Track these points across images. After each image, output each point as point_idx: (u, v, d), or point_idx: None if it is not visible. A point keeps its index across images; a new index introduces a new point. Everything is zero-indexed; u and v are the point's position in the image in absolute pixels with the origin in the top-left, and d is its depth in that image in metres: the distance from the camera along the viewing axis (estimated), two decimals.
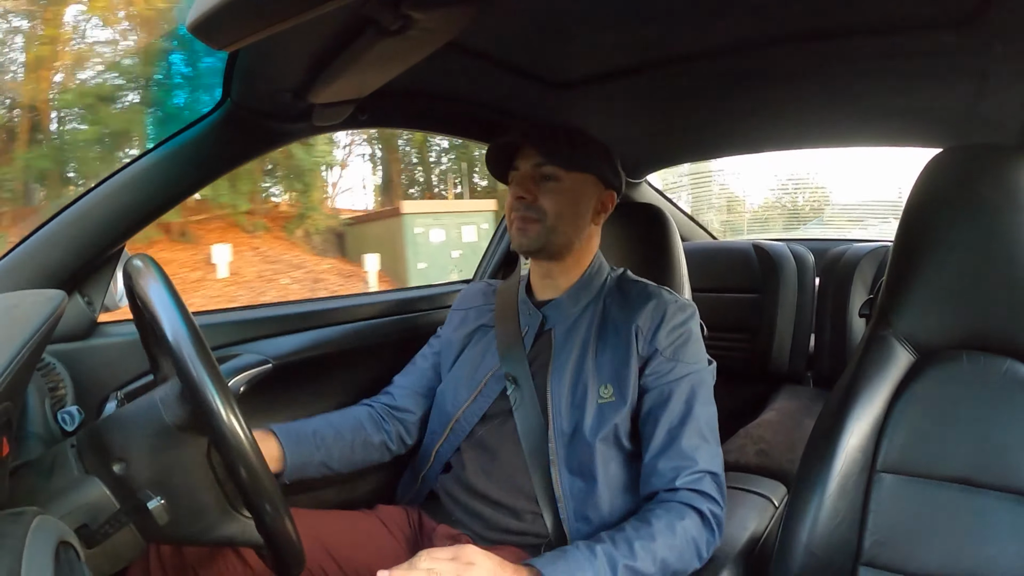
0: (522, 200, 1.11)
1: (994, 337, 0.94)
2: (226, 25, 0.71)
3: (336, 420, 1.20)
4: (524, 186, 1.12)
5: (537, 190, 1.12)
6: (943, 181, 1.01)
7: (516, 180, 1.15)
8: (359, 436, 1.19)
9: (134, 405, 0.82)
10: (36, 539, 0.56)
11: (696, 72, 1.26)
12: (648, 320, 1.08)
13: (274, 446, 1.09)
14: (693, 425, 1.02)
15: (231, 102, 1.07)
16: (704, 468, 1.00)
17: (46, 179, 9.10)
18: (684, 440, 1.01)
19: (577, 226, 1.14)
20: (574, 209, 1.13)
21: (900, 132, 1.70)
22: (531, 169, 1.13)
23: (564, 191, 1.12)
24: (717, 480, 1.01)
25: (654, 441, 1.03)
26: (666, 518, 0.94)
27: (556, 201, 1.11)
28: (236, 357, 1.38)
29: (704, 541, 0.96)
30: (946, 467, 0.91)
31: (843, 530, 0.94)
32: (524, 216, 1.12)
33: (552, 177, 1.12)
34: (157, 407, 0.79)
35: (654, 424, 1.04)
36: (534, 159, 1.12)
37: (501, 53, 1.17)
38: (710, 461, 1.01)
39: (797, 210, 7.12)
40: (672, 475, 0.99)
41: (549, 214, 1.11)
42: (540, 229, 1.11)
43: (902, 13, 0.98)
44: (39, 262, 1.05)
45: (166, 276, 0.77)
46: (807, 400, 1.99)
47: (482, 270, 2.05)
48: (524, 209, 1.11)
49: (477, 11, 0.77)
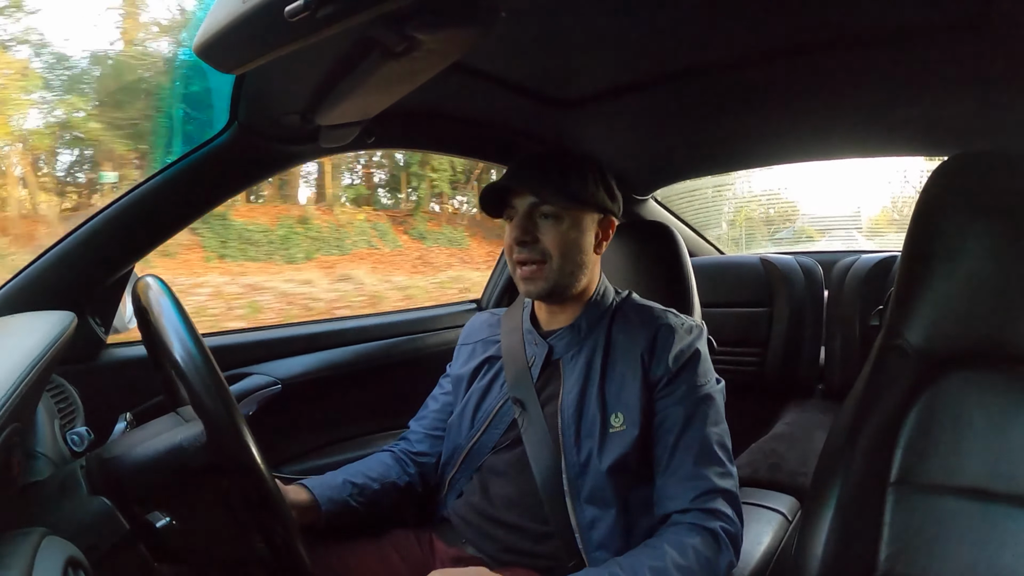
0: (523, 244, 1.09)
1: (1006, 345, 0.93)
2: (232, 48, 0.73)
3: (363, 468, 1.20)
4: (523, 227, 1.09)
5: (536, 229, 1.09)
6: (951, 189, 1.01)
7: (514, 221, 1.11)
8: (388, 480, 1.19)
9: (156, 447, 0.81)
10: (44, 559, 0.56)
11: (700, 87, 1.27)
12: (655, 345, 1.07)
13: (308, 499, 1.09)
14: (704, 445, 1.01)
15: (238, 124, 1.08)
16: (717, 487, 0.99)
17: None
18: (695, 461, 1.00)
19: (582, 261, 1.12)
20: (577, 244, 1.10)
21: (906, 141, 1.70)
22: (528, 207, 1.10)
23: (564, 228, 1.09)
24: (731, 499, 1.00)
25: (665, 463, 1.02)
26: (678, 540, 0.93)
27: (558, 239, 1.08)
28: (246, 378, 1.38)
29: (719, 560, 0.94)
30: (961, 477, 0.90)
31: (858, 543, 0.92)
32: (528, 259, 1.09)
33: (552, 215, 1.09)
34: (180, 453, 0.79)
35: (664, 446, 1.03)
36: (530, 198, 1.09)
37: (506, 73, 1.18)
38: (723, 480, 1.00)
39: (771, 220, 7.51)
40: (684, 497, 0.98)
41: (553, 254, 1.08)
42: (546, 271, 1.09)
43: (905, 23, 0.98)
44: (49, 283, 1.06)
45: (175, 297, 0.77)
46: (818, 413, 1.98)
47: (488, 294, 2.05)
48: (527, 251, 1.09)
49: (482, 32, 0.77)
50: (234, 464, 0.75)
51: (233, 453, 0.74)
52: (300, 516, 1.06)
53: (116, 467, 0.78)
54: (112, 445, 0.82)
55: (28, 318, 0.92)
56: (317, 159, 1.36)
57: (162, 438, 0.81)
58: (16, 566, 0.53)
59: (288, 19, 0.60)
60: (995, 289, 0.94)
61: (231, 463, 0.75)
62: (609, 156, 1.75)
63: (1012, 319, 0.93)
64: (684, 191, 3.22)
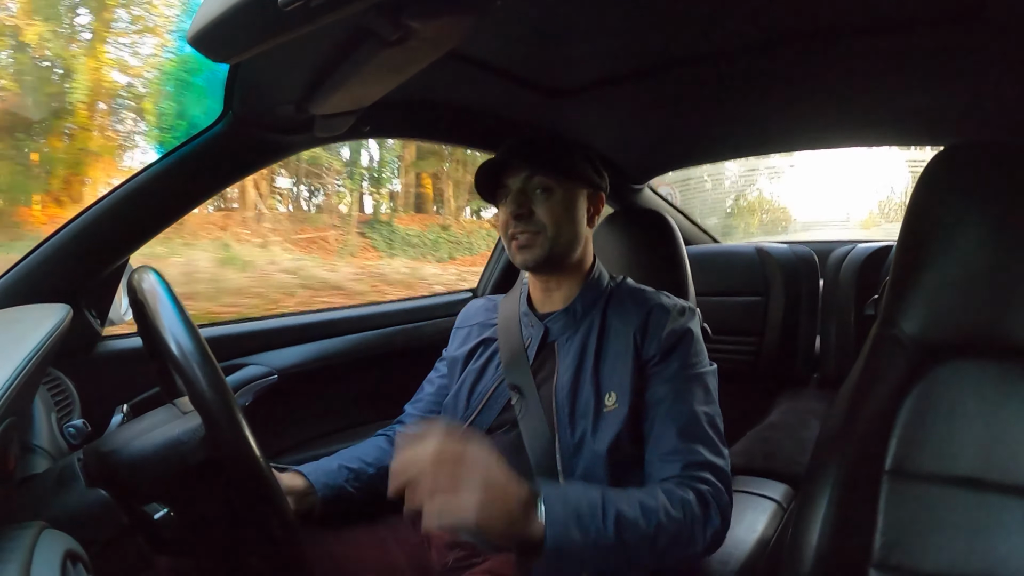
0: (519, 217, 1.11)
1: (1001, 335, 0.93)
2: (227, 38, 0.72)
3: (358, 452, 1.20)
4: (518, 201, 1.11)
5: (531, 203, 1.11)
6: (946, 179, 1.01)
7: (508, 198, 1.13)
8: (383, 464, 1.19)
9: (153, 441, 0.81)
10: (42, 552, 0.56)
11: (695, 76, 1.26)
12: (648, 325, 1.08)
13: (304, 485, 1.10)
14: (692, 420, 1.01)
15: (232, 115, 1.07)
16: (706, 460, 0.98)
17: None
18: (681, 435, 1.00)
19: (576, 233, 1.14)
20: (571, 215, 1.13)
21: (902, 131, 1.70)
22: (522, 183, 1.12)
23: (558, 200, 1.11)
24: (721, 475, 0.99)
25: (655, 440, 1.02)
26: (670, 491, 0.93)
27: (553, 211, 1.11)
28: (242, 369, 1.38)
29: (707, 523, 0.93)
30: (955, 467, 0.90)
31: (853, 532, 0.93)
32: (524, 231, 1.11)
33: (545, 188, 1.11)
34: (179, 447, 0.79)
35: (654, 423, 1.03)
36: (523, 173, 1.12)
37: (501, 61, 1.18)
38: (713, 456, 0.99)
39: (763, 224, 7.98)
40: (672, 467, 0.98)
41: (548, 225, 1.10)
42: (541, 239, 1.11)
43: (902, 11, 0.98)
44: (44, 276, 1.06)
45: (171, 289, 0.77)
46: (813, 402, 1.99)
47: (483, 286, 2.05)
48: (523, 224, 1.11)
49: (476, 21, 0.77)
50: (232, 459, 0.75)
51: (231, 448, 0.74)
52: (296, 503, 1.06)
53: (114, 461, 0.78)
54: (109, 438, 0.82)
55: (24, 311, 0.91)
56: (312, 148, 1.35)
57: (160, 431, 0.81)
58: (15, 560, 0.53)
59: (282, 8, 0.60)
60: (990, 279, 0.94)
61: (229, 458, 0.76)
62: (604, 144, 1.75)
63: (1006, 309, 0.93)
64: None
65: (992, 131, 1.50)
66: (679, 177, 4.63)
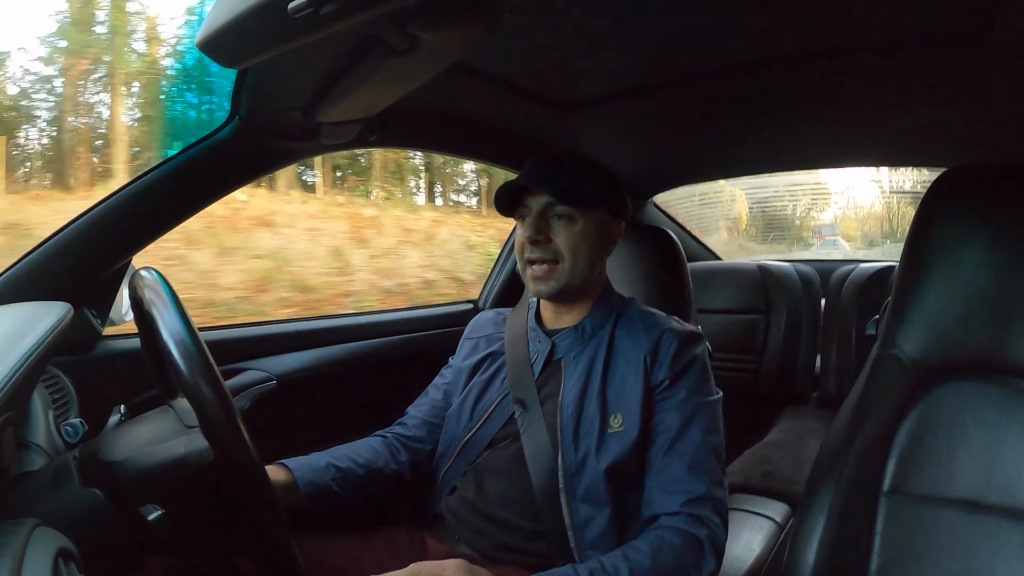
0: (536, 243, 1.10)
1: (1002, 357, 0.93)
2: (235, 43, 0.73)
3: (350, 451, 1.19)
4: (536, 226, 1.10)
5: (549, 229, 1.10)
6: (950, 200, 1.01)
7: (527, 219, 1.12)
8: (374, 467, 1.18)
9: (159, 457, 0.80)
10: (35, 550, 0.56)
11: (701, 93, 1.27)
12: (658, 350, 1.07)
13: (288, 479, 1.08)
14: (698, 452, 1.01)
15: (239, 120, 1.08)
16: (707, 495, 0.98)
17: None
18: (688, 467, 1.00)
19: (592, 263, 1.13)
20: (589, 246, 1.11)
21: (906, 151, 1.70)
22: (543, 207, 1.11)
23: (577, 229, 1.10)
24: (720, 508, 0.99)
25: (657, 466, 1.02)
26: (662, 542, 0.93)
27: (571, 240, 1.10)
28: (241, 373, 1.38)
29: (702, 567, 0.94)
30: (953, 489, 0.90)
31: (850, 553, 0.92)
32: (540, 258, 1.10)
33: (564, 215, 1.10)
34: (186, 465, 0.78)
35: (658, 449, 1.03)
36: (545, 198, 1.10)
37: (508, 74, 1.18)
38: (714, 488, 0.99)
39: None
40: (674, 501, 0.98)
41: (565, 255, 1.10)
42: (558, 272, 1.10)
43: (908, 33, 0.98)
44: (46, 274, 1.06)
45: (173, 291, 0.77)
46: (812, 421, 1.98)
47: (485, 295, 2.05)
48: (540, 251, 1.10)
49: (484, 32, 0.77)
50: (232, 470, 0.74)
51: (232, 460, 0.73)
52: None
53: (116, 472, 0.77)
54: (108, 443, 0.81)
55: (24, 308, 0.91)
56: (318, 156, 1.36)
57: (165, 448, 0.80)
58: (7, 556, 0.53)
59: (292, 15, 0.61)
60: (992, 300, 0.94)
61: (239, 488, 0.75)
62: (609, 159, 1.74)
63: (1008, 330, 0.93)
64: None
65: (997, 152, 1.51)
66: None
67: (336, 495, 1.12)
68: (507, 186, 1.12)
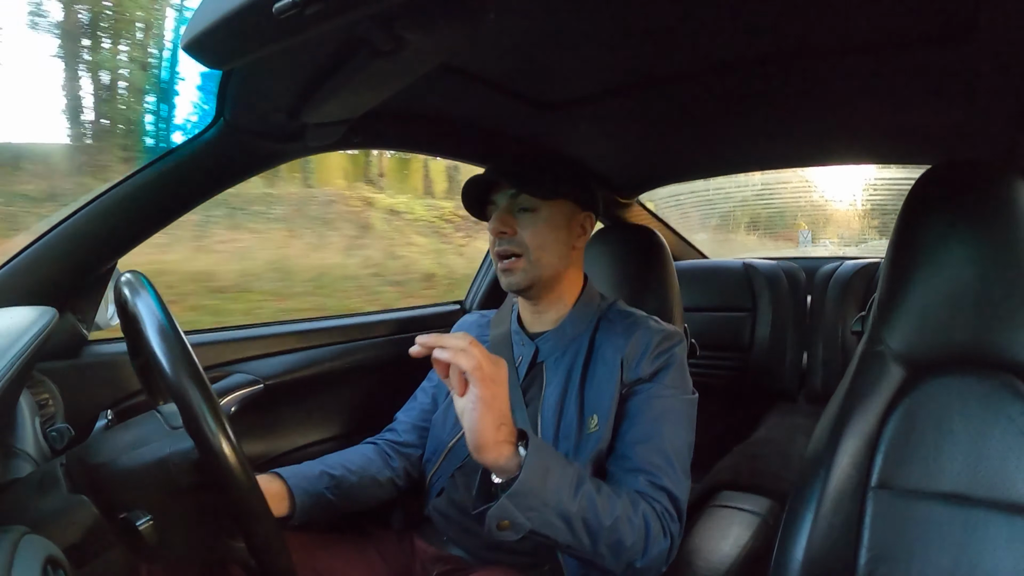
0: (503, 235, 1.11)
1: (986, 352, 0.94)
2: (220, 45, 0.72)
3: (343, 459, 1.19)
4: (502, 220, 1.12)
5: (515, 223, 1.12)
6: (933, 197, 1.02)
7: (494, 215, 1.14)
8: (367, 474, 1.18)
9: (143, 458, 0.78)
10: (23, 558, 0.55)
11: (686, 92, 1.27)
12: (634, 349, 1.08)
13: (282, 489, 1.08)
14: (660, 444, 1.00)
15: (224, 121, 1.07)
16: (664, 485, 0.97)
17: None
18: (650, 456, 0.99)
19: (560, 254, 1.14)
20: (554, 236, 1.13)
21: (890, 149, 1.72)
22: (508, 202, 1.13)
23: (542, 221, 1.12)
24: (676, 504, 0.98)
25: (621, 457, 1.02)
26: (634, 500, 0.93)
27: (535, 232, 1.11)
28: (228, 377, 1.37)
29: (655, 540, 0.92)
30: (940, 482, 0.91)
31: (839, 548, 0.93)
32: (507, 252, 1.12)
33: (529, 208, 1.12)
34: (170, 466, 0.77)
35: (621, 436, 1.04)
36: (510, 191, 1.12)
37: (492, 74, 1.18)
38: (673, 484, 0.98)
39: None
40: (633, 482, 0.98)
41: (530, 247, 1.11)
42: (524, 264, 1.11)
43: (891, 31, 0.99)
44: (30, 278, 1.05)
45: (158, 295, 0.77)
46: (800, 418, 1.99)
47: (471, 298, 2.05)
48: (506, 244, 1.11)
49: (470, 33, 0.78)
50: (226, 487, 0.73)
51: (226, 477, 0.72)
52: (271, 507, 1.05)
53: (102, 475, 0.76)
54: (95, 447, 0.81)
55: (8, 313, 0.90)
56: (303, 157, 1.34)
57: (149, 449, 0.79)
58: None
59: (276, 16, 0.60)
60: (976, 296, 0.95)
61: (223, 484, 0.74)
62: (594, 159, 1.76)
63: (992, 325, 0.94)
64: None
65: (980, 151, 1.52)
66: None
67: (331, 503, 1.12)
68: (472, 181, 1.14)
